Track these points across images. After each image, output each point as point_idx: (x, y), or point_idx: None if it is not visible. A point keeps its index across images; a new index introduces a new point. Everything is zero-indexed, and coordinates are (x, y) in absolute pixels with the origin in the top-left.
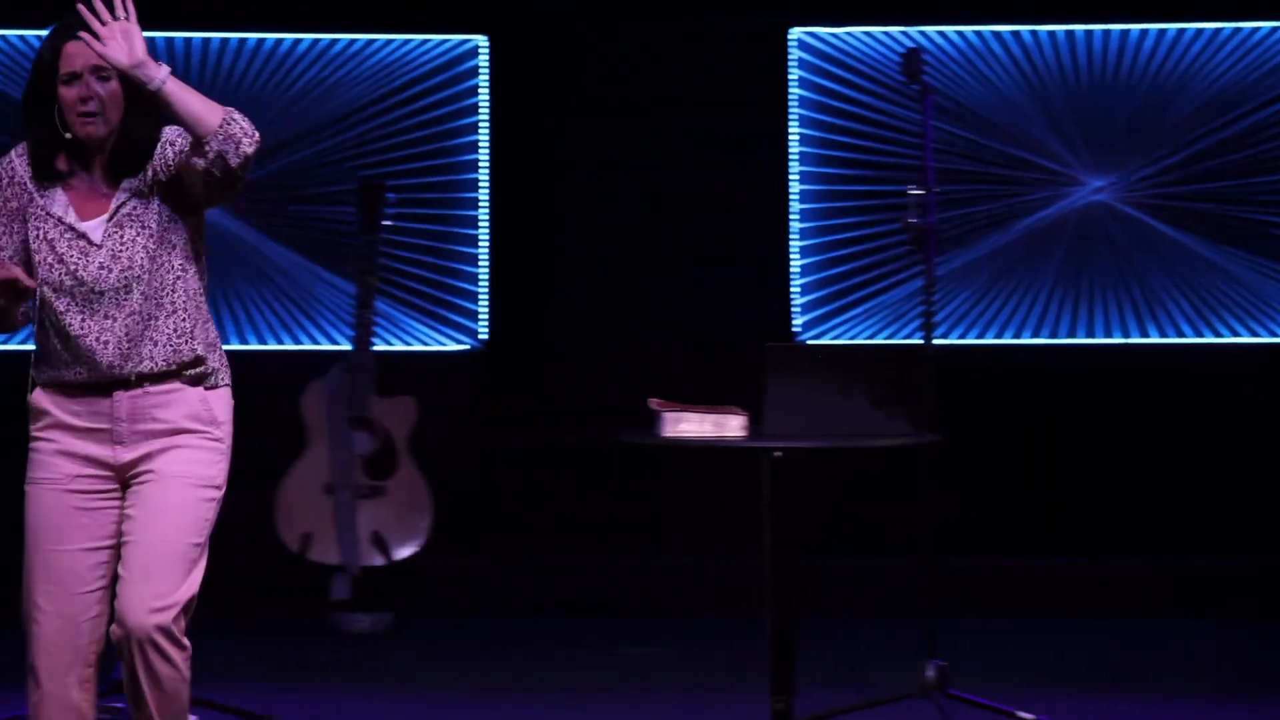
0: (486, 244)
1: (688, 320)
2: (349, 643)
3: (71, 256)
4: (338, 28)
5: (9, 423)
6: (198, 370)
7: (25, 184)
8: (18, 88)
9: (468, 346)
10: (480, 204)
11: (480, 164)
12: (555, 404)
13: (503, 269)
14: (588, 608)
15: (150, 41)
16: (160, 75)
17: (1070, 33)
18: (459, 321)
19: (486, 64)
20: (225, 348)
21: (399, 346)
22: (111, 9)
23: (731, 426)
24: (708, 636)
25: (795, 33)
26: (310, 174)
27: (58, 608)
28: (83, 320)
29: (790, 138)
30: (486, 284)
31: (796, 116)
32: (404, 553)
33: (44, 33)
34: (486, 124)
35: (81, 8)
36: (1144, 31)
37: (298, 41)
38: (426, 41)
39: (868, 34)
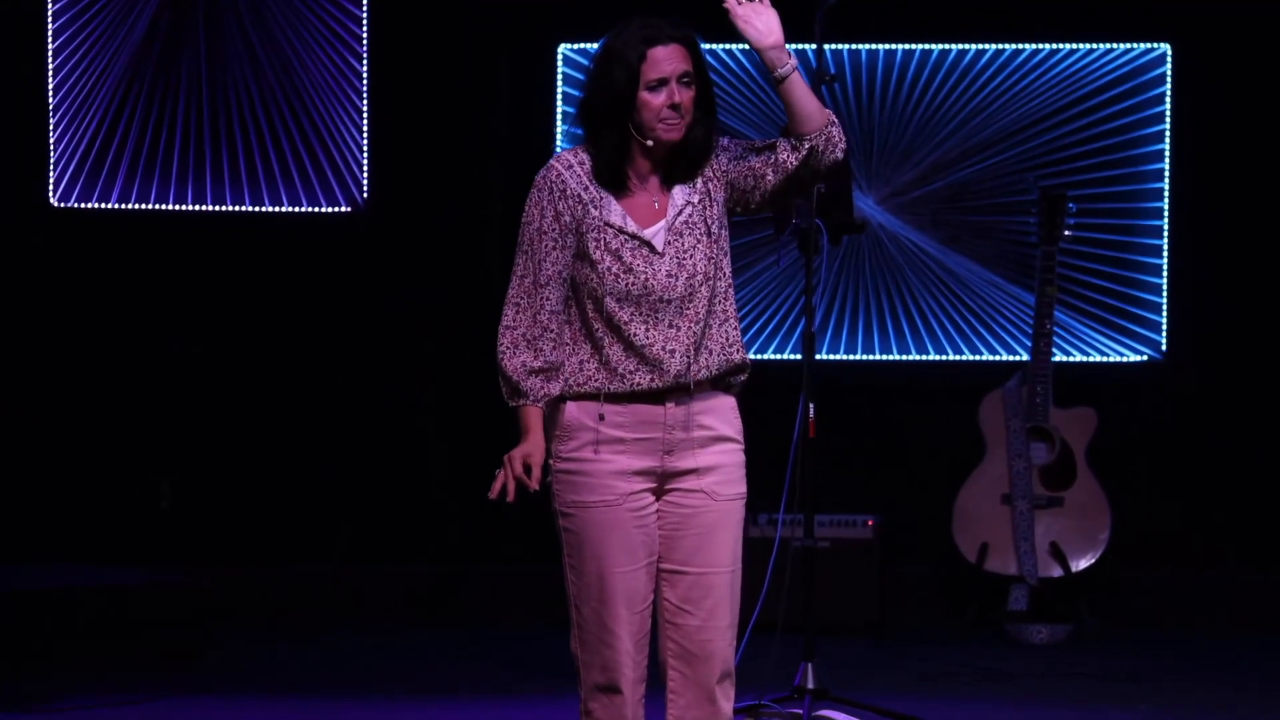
0: (1166, 254)
1: None
2: (1026, 654)
3: (639, 265)
4: (1021, 37)
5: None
6: (740, 378)
7: (578, 195)
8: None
9: (1146, 357)
10: (1162, 214)
11: (1163, 173)
12: (1232, 415)
13: (1182, 279)
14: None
15: (801, 52)
16: (792, 62)
17: None
18: (1139, 332)
19: (1169, 72)
20: (901, 359)
21: (1078, 357)
22: None
23: None
24: None
25: None
26: (991, 184)
27: (629, 630)
28: (647, 330)
29: None
30: (1165, 294)
31: None
32: (1082, 564)
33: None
34: (1168, 133)
35: None
36: None
37: (981, 51)
38: (1110, 50)
39: None
